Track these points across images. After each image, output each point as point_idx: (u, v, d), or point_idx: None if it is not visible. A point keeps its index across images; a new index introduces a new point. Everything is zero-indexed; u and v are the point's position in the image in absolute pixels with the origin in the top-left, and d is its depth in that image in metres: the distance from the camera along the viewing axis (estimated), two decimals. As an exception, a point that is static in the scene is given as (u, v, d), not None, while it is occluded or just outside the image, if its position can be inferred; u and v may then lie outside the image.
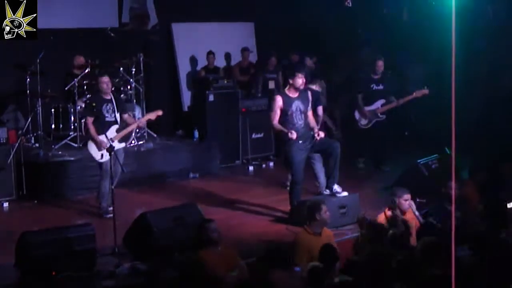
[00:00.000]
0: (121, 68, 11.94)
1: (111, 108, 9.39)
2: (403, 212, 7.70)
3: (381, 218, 7.62)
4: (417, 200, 8.72)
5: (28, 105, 11.12)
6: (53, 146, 11.08)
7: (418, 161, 10.05)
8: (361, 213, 8.63)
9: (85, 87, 11.59)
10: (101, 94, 9.49)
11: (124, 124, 9.50)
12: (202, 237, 6.65)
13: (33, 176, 10.30)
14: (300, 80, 8.91)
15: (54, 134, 11.60)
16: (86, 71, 11.53)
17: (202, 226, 6.74)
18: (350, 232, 8.29)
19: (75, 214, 9.52)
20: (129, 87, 11.99)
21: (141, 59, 12.18)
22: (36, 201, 10.14)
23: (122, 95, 11.79)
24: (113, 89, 11.65)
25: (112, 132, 9.29)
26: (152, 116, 9.65)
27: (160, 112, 9.59)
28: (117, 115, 9.42)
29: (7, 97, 11.98)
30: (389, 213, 7.64)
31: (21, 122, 11.73)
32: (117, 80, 11.85)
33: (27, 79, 11.02)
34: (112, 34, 12.21)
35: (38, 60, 10.75)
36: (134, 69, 12.08)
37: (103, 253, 7.55)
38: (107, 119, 9.34)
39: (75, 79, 11.32)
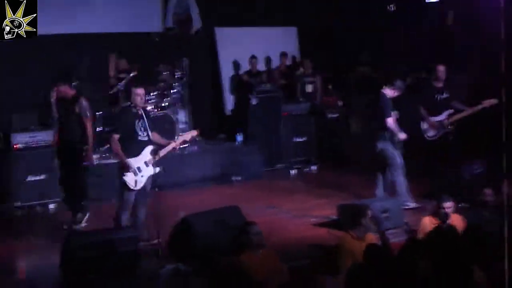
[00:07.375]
0: (165, 73, 12.06)
1: (143, 125, 8.07)
2: (447, 218, 7.61)
3: (425, 224, 7.56)
4: (459, 205, 8.62)
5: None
6: (99, 149, 11.22)
7: (462, 165, 9.92)
8: (404, 222, 8.58)
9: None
10: (132, 107, 8.15)
11: (156, 145, 8.28)
12: (243, 240, 6.66)
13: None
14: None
15: (99, 138, 11.74)
16: (131, 74, 11.66)
17: (243, 229, 6.75)
18: (392, 237, 8.20)
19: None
20: (173, 91, 12.09)
21: (184, 63, 12.29)
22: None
23: (167, 98, 11.89)
24: (156, 93, 11.83)
25: (146, 154, 8.06)
26: (187, 137, 8.58)
27: (195, 133, 8.74)
28: (150, 134, 8.13)
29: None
30: (433, 220, 7.57)
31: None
32: (162, 84, 11.97)
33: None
34: (157, 39, 12.34)
35: (82, 64, 10.89)
36: (178, 73, 12.19)
37: (146, 255, 7.63)
38: (140, 137, 8.03)
39: (119, 84, 11.45)
